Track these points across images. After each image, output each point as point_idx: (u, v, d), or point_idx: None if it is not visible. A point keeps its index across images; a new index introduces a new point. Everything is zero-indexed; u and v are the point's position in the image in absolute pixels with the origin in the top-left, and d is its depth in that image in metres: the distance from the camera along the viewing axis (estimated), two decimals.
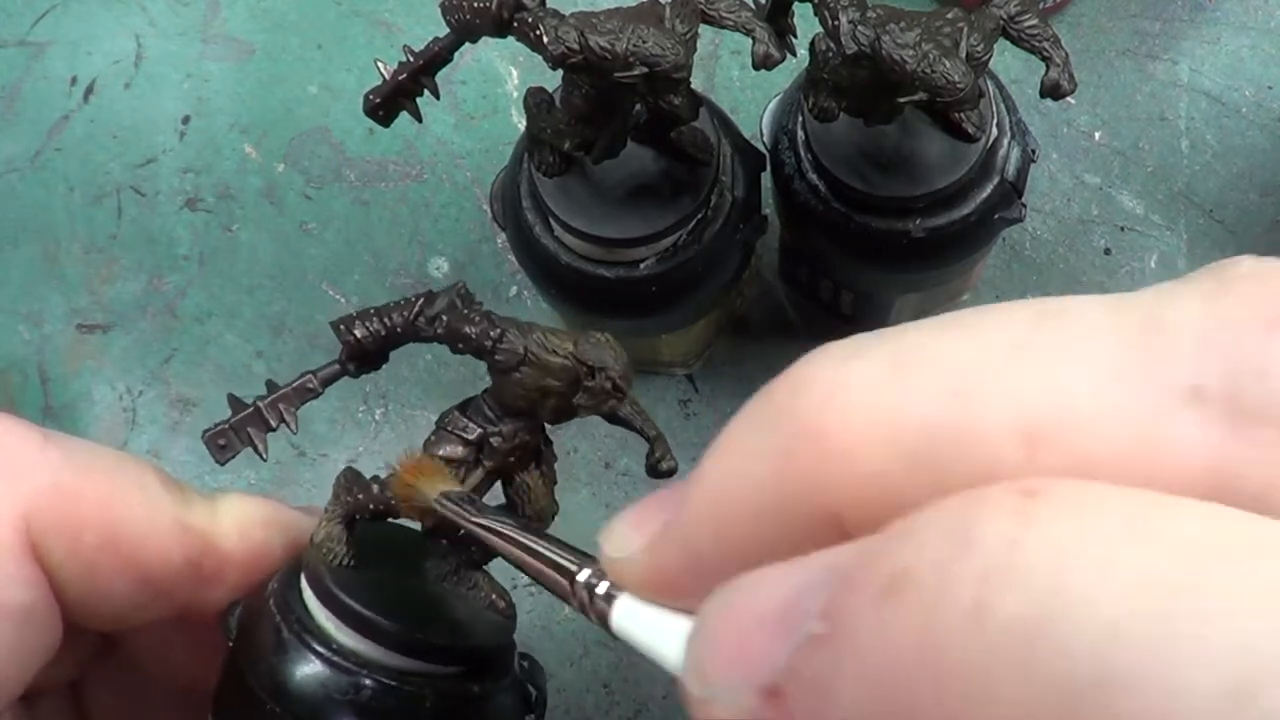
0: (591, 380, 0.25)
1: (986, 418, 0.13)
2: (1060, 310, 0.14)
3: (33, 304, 0.53)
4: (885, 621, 0.12)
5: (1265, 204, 0.49)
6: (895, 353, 0.15)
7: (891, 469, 0.14)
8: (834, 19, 0.32)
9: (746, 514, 0.15)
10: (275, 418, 0.28)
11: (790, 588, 0.14)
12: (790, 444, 0.15)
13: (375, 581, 0.27)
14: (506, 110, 0.54)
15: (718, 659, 0.14)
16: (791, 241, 0.45)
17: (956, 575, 0.12)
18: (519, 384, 0.26)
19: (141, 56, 0.56)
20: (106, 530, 0.25)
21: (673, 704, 0.46)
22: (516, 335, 0.25)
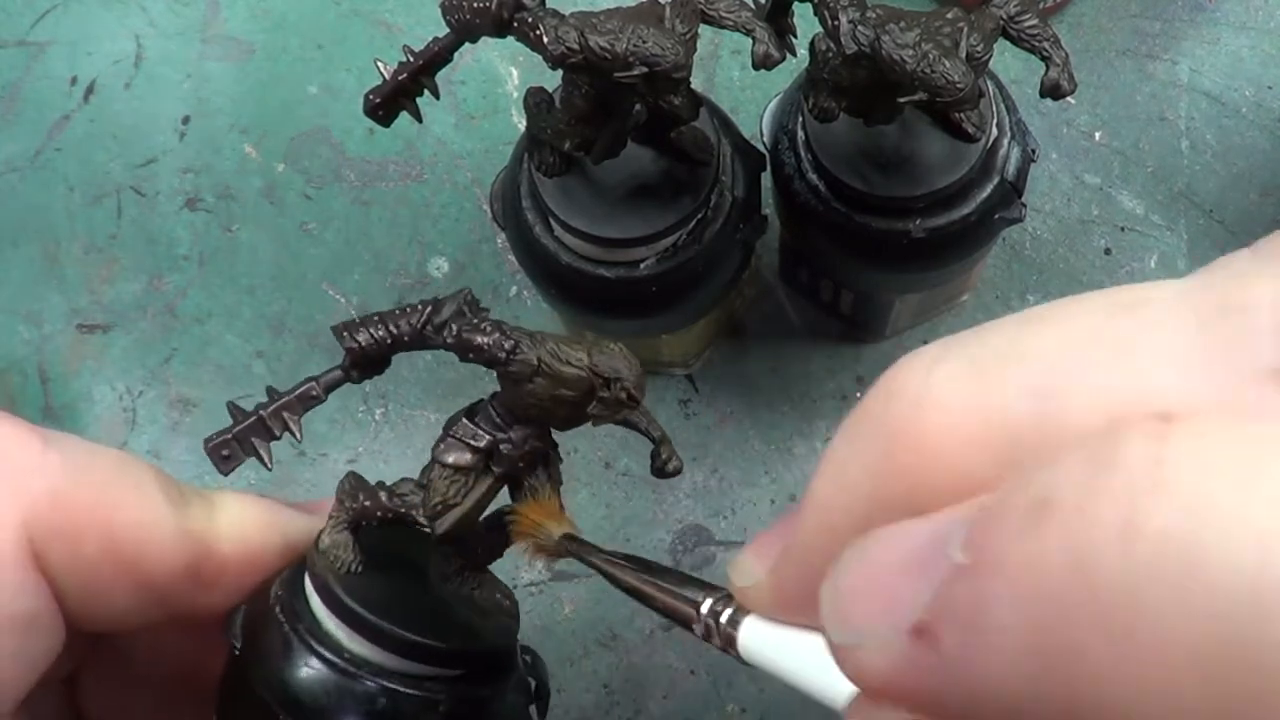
0: (607, 391, 0.25)
1: (1072, 412, 0.14)
2: (1135, 300, 0.14)
3: (33, 304, 0.53)
4: (1032, 545, 0.12)
5: (1265, 204, 0.49)
6: (978, 354, 0.15)
7: (984, 468, 0.14)
8: (834, 19, 0.32)
9: (855, 524, 0.16)
10: (279, 426, 0.28)
11: (928, 532, 0.14)
12: (887, 451, 0.15)
13: (380, 585, 0.27)
14: (506, 110, 0.54)
15: (861, 604, 0.15)
16: (791, 241, 0.45)
17: (1102, 495, 0.12)
18: (531, 394, 0.26)
19: (141, 56, 0.56)
20: (107, 537, 0.25)
21: (673, 704, 0.46)
22: (530, 346, 0.25)
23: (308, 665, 0.25)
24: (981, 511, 0.14)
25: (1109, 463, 0.12)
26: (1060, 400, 0.14)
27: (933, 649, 0.14)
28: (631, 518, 0.48)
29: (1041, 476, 0.13)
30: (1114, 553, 0.12)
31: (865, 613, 0.15)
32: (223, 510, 0.28)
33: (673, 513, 0.48)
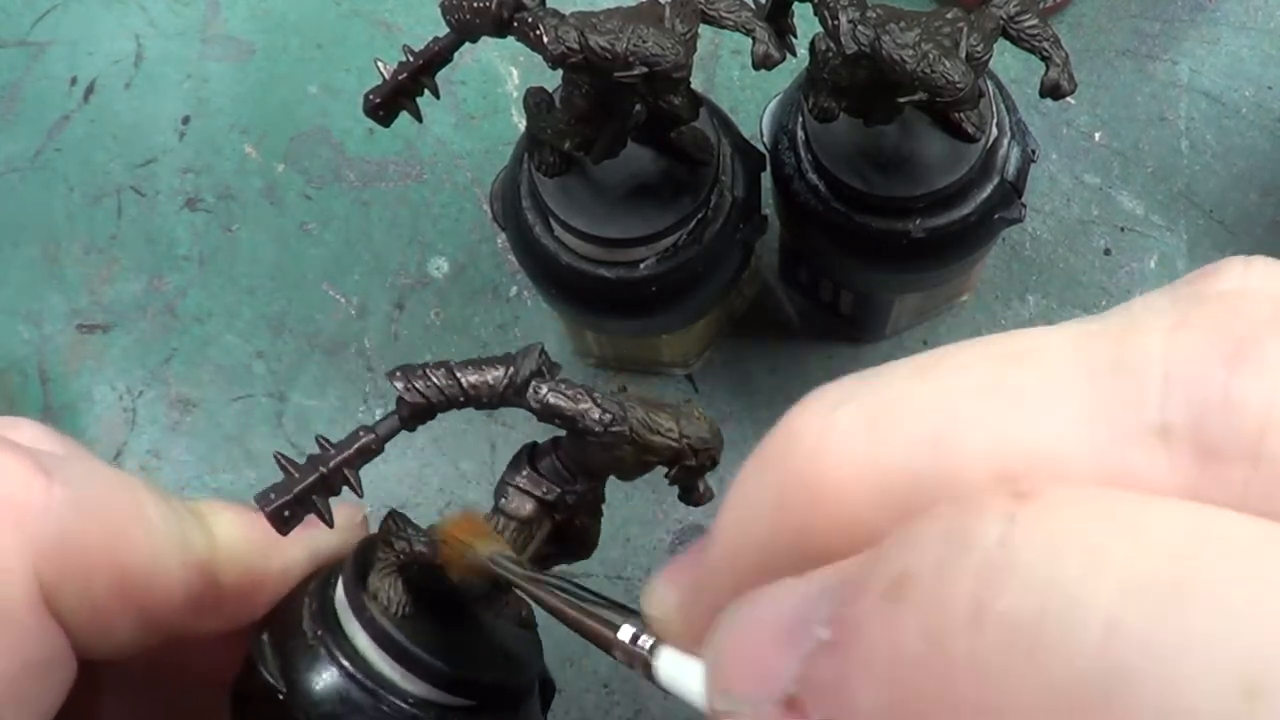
0: (693, 460, 0.25)
1: (963, 464, 0.14)
2: (1026, 350, 0.14)
3: (33, 304, 0.53)
4: (890, 623, 0.13)
5: (1265, 204, 0.49)
6: (872, 402, 0.15)
7: (875, 519, 0.14)
8: (834, 19, 0.32)
9: (755, 565, 0.16)
10: (339, 482, 0.26)
11: (797, 599, 0.14)
12: (783, 496, 0.15)
13: (418, 618, 0.27)
14: (506, 110, 0.54)
15: (735, 673, 0.15)
16: (791, 241, 0.45)
17: (954, 574, 0.12)
18: (617, 460, 0.26)
19: (141, 57, 0.56)
20: (115, 576, 0.25)
21: (673, 704, 0.46)
22: (623, 418, 0.25)
23: (355, 699, 0.25)
24: (843, 584, 0.14)
25: (962, 541, 0.12)
26: (951, 454, 0.14)
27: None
28: (631, 518, 0.48)
29: (900, 551, 0.13)
30: (964, 634, 0.12)
31: (739, 681, 0.15)
32: (222, 535, 0.28)
33: (673, 513, 0.48)
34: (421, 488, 0.49)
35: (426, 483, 0.49)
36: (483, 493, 0.49)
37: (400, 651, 0.26)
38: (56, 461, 0.25)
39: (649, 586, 0.19)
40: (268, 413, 0.50)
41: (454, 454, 0.49)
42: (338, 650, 0.26)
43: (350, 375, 0.50)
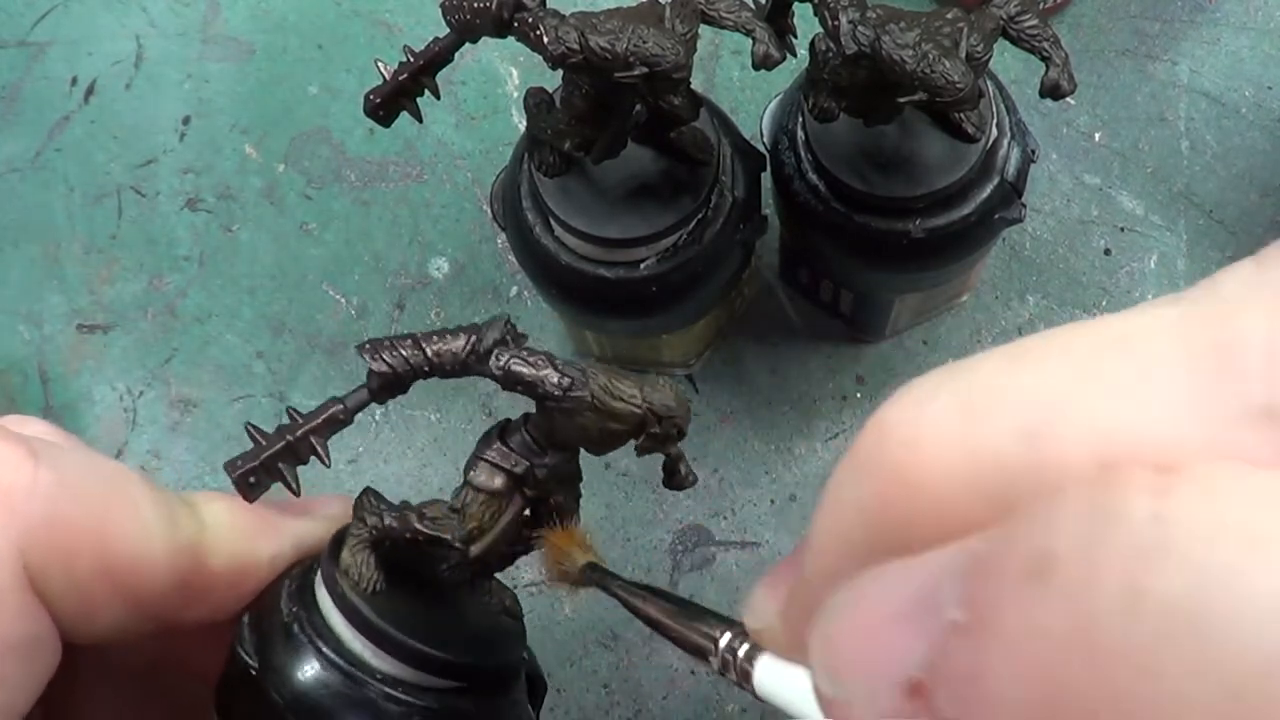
0: (658, 427, 0.25)
1: (1062, 455, 0.13)
2: (1122, 335, 0.14)
3: (33, 304, 0.53)
4: (1033, 607, 0.12)
5: (1265, 204, 0.49)
6: (965, 392, 0.15)
7: (975, 510, 0.14)
8: (834, 19, 0.32)
9: (853, 564, 0.15)
10: (307, 451, 0.27)
11: (920, 579, 0.14)
12: (879, 491, 0.15)
13: (394, 596, 0.27)
14: (507, 110, 0.54)
15: (849, 654, 0.14)
16: (791, 241, 0.45)
17: (1104, 555, 0.12)
18: (580, 427, 0.26)
19: (142, 57, 0.56)
20: (100, 557, 0.25)
21: (673, 704, 0.46)
22: (584, 383, 0.25)
23: (324, 676, 0.25)
24: (976, 562, 0.13)
25: (1109, 517, 0.12)
26: (1050, 441, 0.14)
27: (924, 708, 0.13)
28: (631, 518, 0.48)
29: (1038, 530, 0.12)
30: (1118, 620, 0.11)
31: (854, 664, 0.14)
32: (212, 523, 0.28)
33: (673, 513, 0.48)
34: (422, 488, 0.49)
35: (427, 483, 0.49)
36: None
37: (368, 627, 0.26)
38: (46, 447, 0.25)
39: (749, 598, 0.19)
40: (268, 413, 0.50)
41: (454, 454, 0.49)
42: (309, 626, 0.26)
43: (350, 375, 0.50)
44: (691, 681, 0.46)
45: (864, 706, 0.14)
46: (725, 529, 0.48)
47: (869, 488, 0.15)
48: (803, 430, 0.49)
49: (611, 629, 0.47)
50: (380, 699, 0.25)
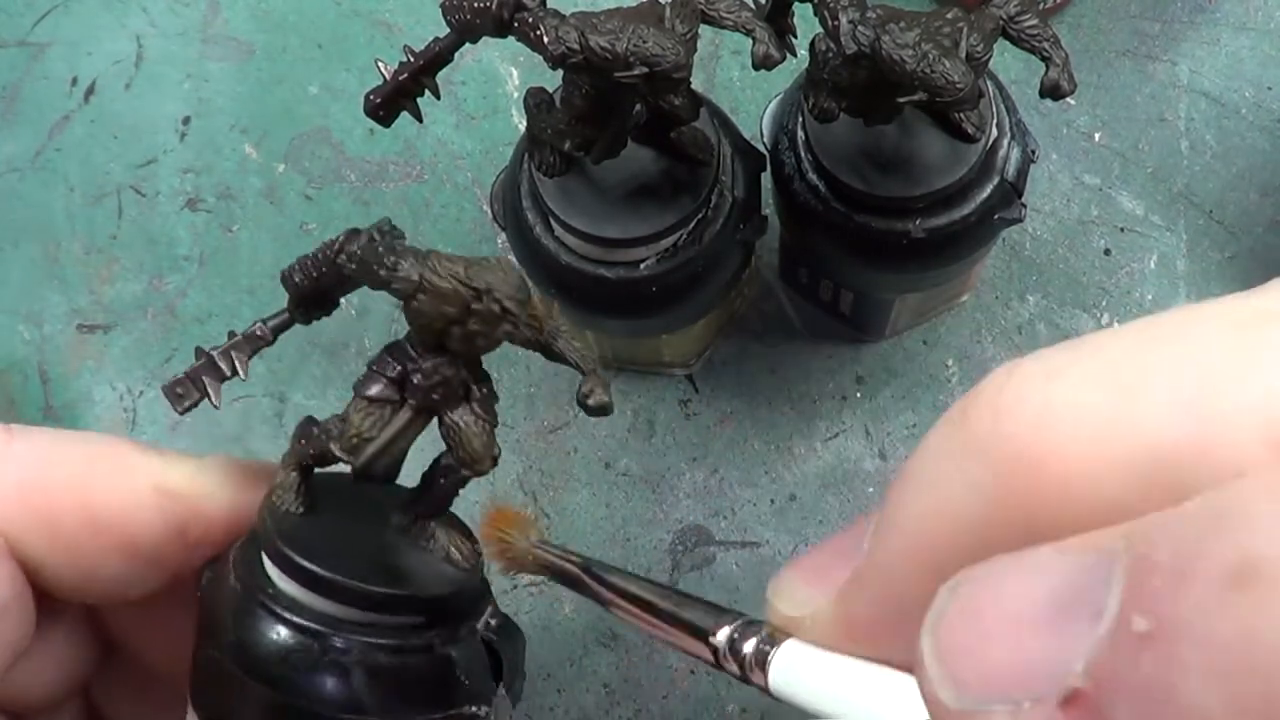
0: (479, 303, 0.25)
1: (1228, 427, 0.13)
2: (1261, 314, 0.13)
3: (33, 304, 0.53)
4: (1239, 616, 0.11)
5: (1265, 204, 0.49)
6: (1110, 370, 0.14)
7: (1123, 492, 0.13)
8: (834, 19, 0.32)
9: (957, 550, 0.14)
10: (228, 365, 0.28)
11: (1068, 574, 0.13)
12: (1002, 474, 0.14)
13: (330, 538, 0.27)
14: (507, 110, 0.54)
15: (987, 663, 0.13)
16: (791, 241, 0.45)
17: None
18: (418, 313, 0.25)
19: (142, 57, 0.56)
20: (83, 509, 0.25)
21: (672, 704, 0.46)
22: (412, 263, 0.25)
23: (257, 621, 0.25)
24: (1148, 562, 0.12)
25: None
26: (1214, 417, 0.13)
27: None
28: (631, 518, 0.48)
29: (1235, 527, 0.12)
30: None
31: (993, 672, 0.13)
32: (209, 469, 0.28)
33: (672, 513, 0.48)
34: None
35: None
36: (482, 493, 0.49)
37: (275, 552, 0.26)
38: (21, 428, 0.26)
39: (778, 583, 0.18)
40: (268, 413, 0.50)
41: None
42: (240, 559, 0.26)
43: (350, 375, 0.50)
44: (691, 681, 0.46)
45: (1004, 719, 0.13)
46: (725, 529, 0.48)
47: (985, 470, 0.14)
48: (803, 430, 0.49)
49: (611, 629, 0.47)
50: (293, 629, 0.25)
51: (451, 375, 0.26)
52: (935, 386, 0.49)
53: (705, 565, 0.47)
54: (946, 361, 0.49)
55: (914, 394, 0.49)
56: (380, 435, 0.26)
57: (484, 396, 0.27)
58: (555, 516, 0.48)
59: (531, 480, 0.49)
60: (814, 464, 0.48)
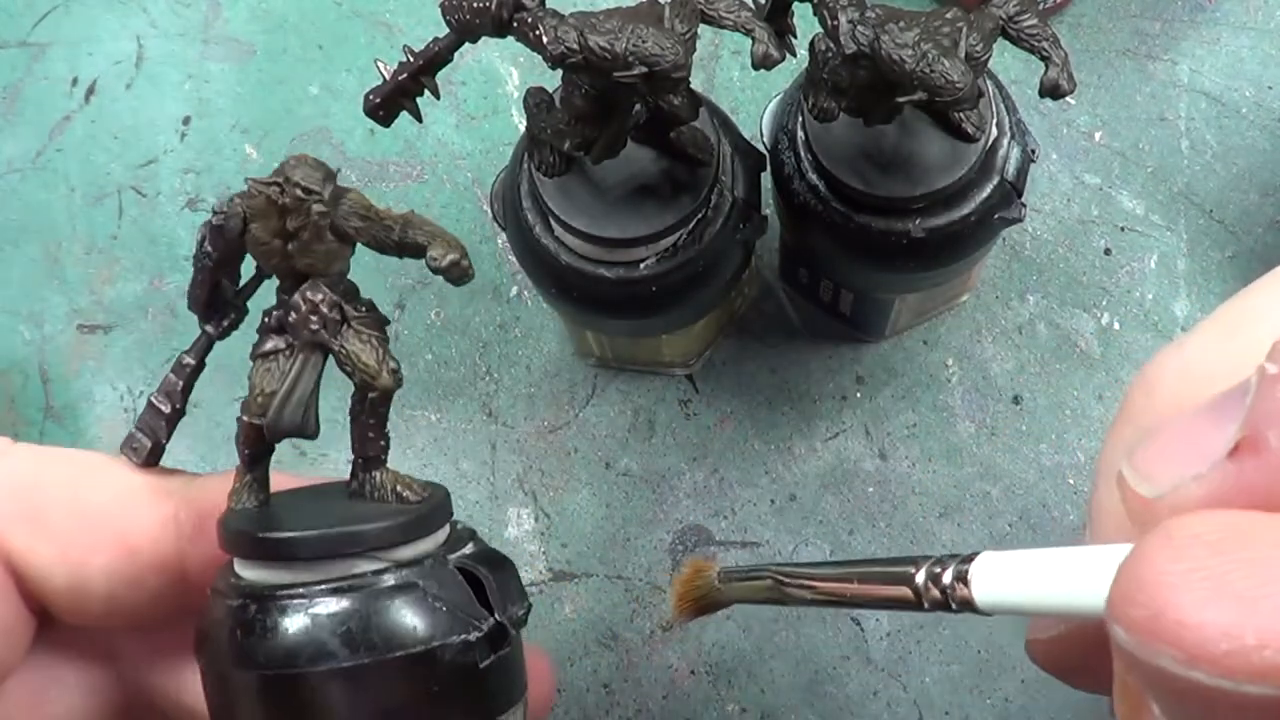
0: (284, 196, 0.25)
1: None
2: None
3: (34, 304, 0.53)
4: None
5: (1265, 204, 0.49)
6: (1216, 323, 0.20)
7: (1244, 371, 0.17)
8: (833, 19, 0.32)
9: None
10: (166, 404, 0.29)
11: (1217, 401, 0.17)
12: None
13: (284, 519, 0.27)
14: (507, 110, 0.54)
15: (1168, 460, 0.17)
16: (791, 241, 0.45)
17: None
18: (256, 242, 0.26)
19: (142, 57, 0.56)
20: (74, 505, 0.25)
21: (673, 704, 0.46)
22: (239, 201, 0.26)
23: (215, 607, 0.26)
24: (1275, 352, 0.16)
25: None
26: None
27: (1260, 464, 0.16)
28: (631, 518, 0.48)
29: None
30: None
31: (1173, 462, 0.17)
32: (208, 476, 0.28)
33: (672, 513, 0.48)
34: None
35: None
36: (482, 492, 0.49)
37: (231, 540, 0.26)
38: (9, 443, 0.26)
39: (1135, 467, 0.19)
40: None
41: (454, 454, 0.49)
42: (218, 576, 0.26)
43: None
44: (691, 681, 0.46)
45: (1182, 493, 0.17)
46: (725, 529, 0.48)
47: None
48: (803, 430, 0.49)
49: (611, 629, 0.47)
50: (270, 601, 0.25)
51: (320, 299, 0.26)
52: (935, 386, 0.49)
53: None
54: (946, 361, 0.49)
55: (914, 394, 0.49)
56: (281, 387, 0.26)
57: (362, 315, 0.27)
58: (555, 516, 0.48)
59: (531, 480, 0.49)
60: (814, 464, 0.48)
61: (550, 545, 0.48)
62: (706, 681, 0.46)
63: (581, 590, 0.47)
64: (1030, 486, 0.47)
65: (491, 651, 0.26)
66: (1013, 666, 0.45)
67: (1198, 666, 0.14)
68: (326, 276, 0.27)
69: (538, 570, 0.48)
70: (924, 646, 0.46)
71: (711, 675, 0.46)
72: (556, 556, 0.48)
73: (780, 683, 0.46)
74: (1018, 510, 0.47)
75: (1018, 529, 0.47)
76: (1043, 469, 0.47)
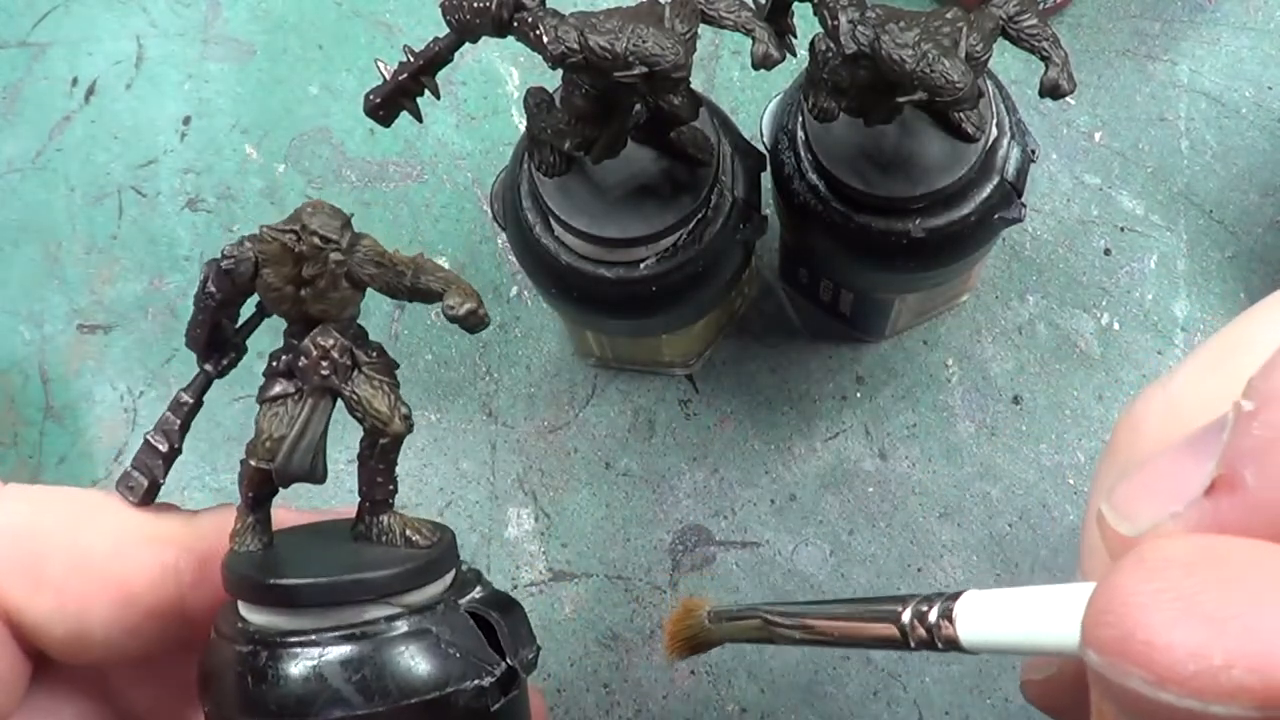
0: (301, 244, 0.25)
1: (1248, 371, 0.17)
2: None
3: (34, 304, 0.53)
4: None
5: (1265, 204, 0.49)
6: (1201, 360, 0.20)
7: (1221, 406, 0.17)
8: (834, 19, 0.32)
9: None
10: (163, 443, 0.29)
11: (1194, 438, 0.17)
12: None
13: (290, 562, 0.27)
14: (507, 110, 0.54)
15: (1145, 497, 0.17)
16: (791, 241, 0.45)
17: None
18: (268, 287, 0.26)
19: (142, 57, 0.56)
20: (72, 552, 0.25)
21: (673, 704, 0.46)
22: (250, 245, 0.26)
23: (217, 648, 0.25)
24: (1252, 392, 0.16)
25: None
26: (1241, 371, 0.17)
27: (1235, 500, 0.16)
28: (631, 518, 0.48)
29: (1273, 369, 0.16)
30: None
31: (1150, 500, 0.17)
32: (206, 514, 0.28)
33: (673, 513, 0.48)
34: (422, 488, 0.49)
35: (427, 483, 0.49)
36: (482, 493, 0.49)
37: (234, 583, 0.26)
38: (10, 486, 0.25)
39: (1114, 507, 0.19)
40: None
41: (454, 454, 0.49)
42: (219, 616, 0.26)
43: None
44: (692, 681, 0.46)
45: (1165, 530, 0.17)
46: (725, 529, 0.48)
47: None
48: (802, 430, 0.49)
49: (611, 629, 0.47)
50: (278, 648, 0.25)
51: (331, 345, 0.26)
52: (935, 386, 0.49)
53: (705, 565, 0.47)
54: (946, 361, 0.49)
55: (914, 394, 0.49)
56: (290, 432, 0.26)
57: (374, 360, 0.27)
58: (555, 516, 0.48)
59: (531, 480, 0.49)
60: (814, 464, 0.48)
61: (550, 545, 0.48)
62: (706, 681, 0.46)
63: (581, 590, 0.47)
64: (1030, 486, 0.47)
65: (502, 695, 0.26)
66: (1012, 666, 0.45)
67: (1166, 688, 0.14)
68: (338, 321, 0.27)
69: (538, 570, 0.48)
70: None
71: (711, 675, 0.46)
72: (556, 556, 0.48)
73: (780, 683, 0.46)
74: (1018, 510, 0.47)
75: (1018, 529, 0.47)
76: (1043, 469, 0.47)
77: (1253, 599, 0.14)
